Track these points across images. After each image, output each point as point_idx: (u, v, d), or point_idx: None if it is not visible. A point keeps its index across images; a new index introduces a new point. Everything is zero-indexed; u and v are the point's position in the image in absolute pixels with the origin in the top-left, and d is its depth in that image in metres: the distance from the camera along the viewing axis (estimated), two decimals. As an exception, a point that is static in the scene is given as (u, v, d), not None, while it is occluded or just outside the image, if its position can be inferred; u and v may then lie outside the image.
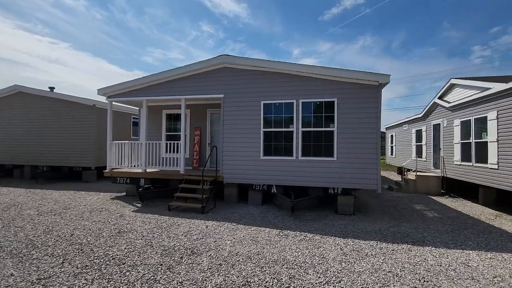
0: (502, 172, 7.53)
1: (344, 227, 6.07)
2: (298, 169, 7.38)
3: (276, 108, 7.60)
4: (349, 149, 7.06)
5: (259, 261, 4.17)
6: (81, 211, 6.87)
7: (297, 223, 6.29)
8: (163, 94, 8.52)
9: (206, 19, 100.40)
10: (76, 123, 11.84)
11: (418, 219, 6.96)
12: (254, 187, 7.88)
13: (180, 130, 10.17)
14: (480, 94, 8.33)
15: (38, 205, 7.35)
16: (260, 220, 6.45)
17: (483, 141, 8.35)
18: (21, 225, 5.61)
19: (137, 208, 7.32)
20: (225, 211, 7.16)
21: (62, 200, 8.06)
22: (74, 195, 8.98)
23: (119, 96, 8.95)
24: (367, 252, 4.66)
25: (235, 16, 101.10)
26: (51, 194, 9.06)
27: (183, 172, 8.26)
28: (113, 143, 9.05)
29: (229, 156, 7.87)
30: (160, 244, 4.72)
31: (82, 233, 5.18)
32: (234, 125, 7.87)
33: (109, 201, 8.18)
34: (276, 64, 7.48)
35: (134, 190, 8.96)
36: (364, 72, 6.89)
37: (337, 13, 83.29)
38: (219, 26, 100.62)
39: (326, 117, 7.26)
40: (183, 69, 8.20)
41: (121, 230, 5.42)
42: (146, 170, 8.68)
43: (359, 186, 7.09)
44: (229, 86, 7.93)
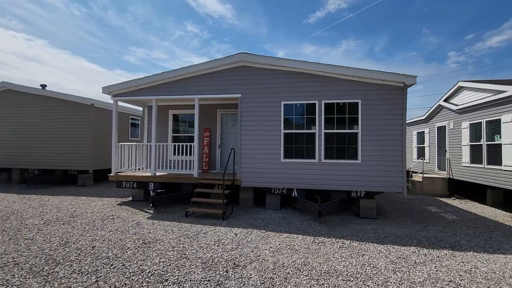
0: (518, 174, 7.62)
1: (375, 232, 5.88)
2: (321, 172, 7.14)
3: (297, 109, 7.34)
4: (374, 152, 6.90)
5: (310, 272, 3.87)
6: (91, 219, 6.31)
7: (325, 228, 6.04)
8: (174, 93, 8.07)
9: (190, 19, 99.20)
10: (72, 123, 11.08)
11: (441, 222, 6.88)
12: (272, 191, 7.57)
13: (188, 131, 9.76)
14: (493, 97, 8.43)
15: (40, 213, 6.71)
16: (286, 226, 6.15)
17: (497, 143, 8.45)
18: (30, 236, 5.02)
19: (151, 215, 6.83)
20: (246, 217, 6.81)
21: (64, 207, 7.42)
22: (75, 201, 8.33)
23: (125, 95, 8.40)
24: (414, 259, 4.46)
25: (220, 16, 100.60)
26: (49, 200, 8.36)
27: (196, 176, 7.83)
28: (119, 145, 8.48)
29: (247, 158, 7.53)
30: (196, 256, 4.32)
31: (103, 245, 4.68)
32: (253, 127, 7.53)
33: (117, 207, 7.62)
34: (297, 63, 7.23)
35: (141, 195, 8.42)
36: (390, 73, 6.76)
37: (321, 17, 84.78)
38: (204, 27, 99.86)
39: (349, 118, 7.07)
40: (197, 67, 7.79)
41: (146, 240, 4.96)
42: (155, 173, 8.18)
43: (384, 189, 6.94)
44: (247, 85, 7.60)
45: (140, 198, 8.42)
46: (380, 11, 77.35)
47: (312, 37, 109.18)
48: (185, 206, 7.76)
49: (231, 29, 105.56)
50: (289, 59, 7.23)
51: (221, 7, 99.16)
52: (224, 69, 7.75)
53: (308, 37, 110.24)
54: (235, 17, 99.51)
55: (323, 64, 7.09)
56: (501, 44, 59.89)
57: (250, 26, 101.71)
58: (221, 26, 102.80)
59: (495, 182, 8.49)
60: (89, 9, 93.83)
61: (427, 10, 70.60)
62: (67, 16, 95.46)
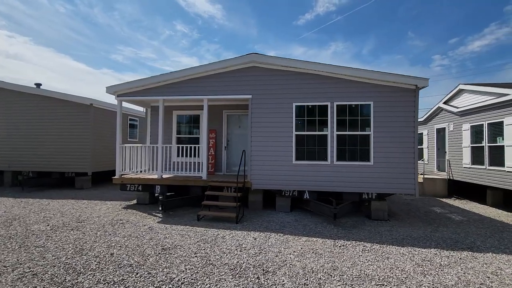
0: (521, 175, 7.82)
1: (391, 234, 5.89)
2: (333, 174, 7.11)
3: (309, 111, 7.30)
4: (386, 153, 6.92)
5: (342, 277, 3.81)
6: (99, 224, 6.06)
7: (341, 231, 6.00)
8: (182, 93, 7.88)
9: (180, 19, 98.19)
10: (70, 123, 10.68)
11: (450, 223, 6.96)
12: (283, 193, 7.49)
13: (193, 132, 9.57)
14: (496, 100, 8.63)
15: (44, 218, 6.40)
16: (302, 229, 6.08)
17: (499, 145, 8.66)
18: (41, 243, 4.76)
19: (161, 219, 6.63)
20: (258, 220, 6.70)
21: (68, 212, 7.12)
22: (77, 205, 8.01)
23: (131, 95, 8.15)
24: (438, 261, 4.47)
25: (210, 16, 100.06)
26: (48, 204, 8.01)
27: (205, 178, 7.66)
28: (124, 147, 8.22)
29: (258, 161, 7.42)
30: (221, 262, 4.19)
31: (121, 251, 4.48)
32: (264, 128, 7.43)
33: (123, 211, 7.36)
34: (309, 65, 7.18)
35: (147, 198, 8.18)
36: (402, 75, 6.80)
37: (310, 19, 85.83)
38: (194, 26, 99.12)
39: (361, 120, 7.08)
40: (207, 67, 7.63)
41: (164, 246, 4.78)
42: (162, 176, 7.96)
43: (395, 191, 6.98)
44: (258, 86, 7.49)
45: (146, 201, 8.18)
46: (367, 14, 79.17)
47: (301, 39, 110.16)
48: (194, 209, 7.60)
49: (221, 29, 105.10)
50: (301, 60, 7.18)
51: (211, 7, 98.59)
52: (234, 69, 7.63)
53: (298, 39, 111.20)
54: (225, 17, 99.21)
55: (335, 65, 7.07)
56: (482, 49, 62.41)
57: (240, 26, 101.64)
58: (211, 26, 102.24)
59: (498, 183, 8.69)
60: (74, 6, 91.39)
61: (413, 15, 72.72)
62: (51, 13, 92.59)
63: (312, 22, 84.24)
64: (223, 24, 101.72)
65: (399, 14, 77.43)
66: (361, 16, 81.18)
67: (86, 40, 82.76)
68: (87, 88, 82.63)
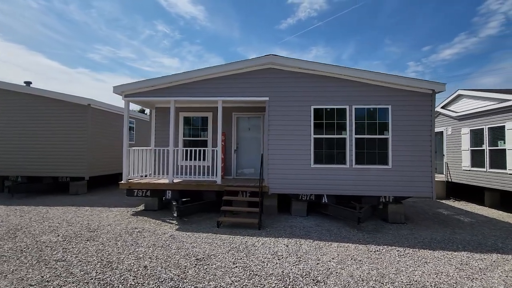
0: (524, 178, 8.16)
1: (415, 237, 5.90)
2: (352, 177, 7.08)
3: (327, 114, 7.23)
4: (404, 157, 6.98)
5: (394, 285, 3.72)
6: (115, 233, 5.64)
7: (366, 235, 5.96)
8: (195, 94, 7.58)
9: (161, 19, 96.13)
10: (65, 125, 10.02)
11: (463, 225, 7.09)
12: (300, 197, 7.37)
13: (200, 135, 9.27)
14: (497, 105, 8.99)
15: (50, 228, 5.89)
16: (328, 234, 5.97)
17: (500, 148, 9.01)
18: (60, 257, 4.33)
19: (178, 226, 6.29)
20: (278, 225, 6.53)
21: (73, 220, 6.61)
22: (80, 212, 7.48)
23: (139, 95, 7.74)
24: (476, 265, 4.49)
25: (192, 17, 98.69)
26: (47, 212, 7.41)
27: (220, 183, 7.40)
28: (132, 150, 7.79)
29: (276, 164, 7.25)
30: (266, 272, 3.98)
31: (154, 264, 4.16)
32: (281, 131, 7.29)
33: (133, 218, 6.94)
34: (327, 67, 7.14)
35: (156, 204, 7.78)
36: (419, 80, 6.90)
37: (292, 23, 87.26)
38: (175, 27, 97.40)
39: (380, 124, 7.10)
40: (222, 68, 7.40)
41: (197, 256, 4.50)
42: (173, 180, 7.60)
43: (413, 194, 7.04)
44: (275, 88, 7.35)
45: (154, 207, 7.77)
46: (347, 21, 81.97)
47: (284, 42, 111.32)
48: (209, 215, 7.30)
49: (203, 31, 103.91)
50: (319, 63, 7.12)
51: (193, 8, 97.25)
52: (250, 71, 7.45)
53: (280, 42, 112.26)
54: (207, 19, 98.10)
55: (353, 68, 7.07)
56: (453, 57, 66.58)
57: (222, 28, 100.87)
58: (193, 28, 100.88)
59: (499, 185, 9.03)
60: (48, 1, 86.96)
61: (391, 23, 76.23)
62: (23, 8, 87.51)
63: (294, 26, 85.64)
64: (206, 26, 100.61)
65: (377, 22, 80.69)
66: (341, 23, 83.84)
67: (61, 37, 78.86)
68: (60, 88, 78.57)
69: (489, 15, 59.26)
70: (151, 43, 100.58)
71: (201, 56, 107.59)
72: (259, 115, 9.18)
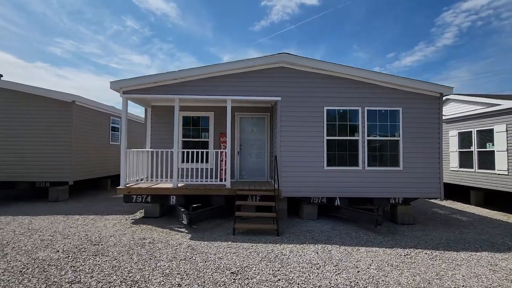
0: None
1: (431, 239, 5.96)
2: (364, 179, 7.04)
3: (340, 115, 7.13)
4: (414, 159, 7.07)
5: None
6: (123, 245, 5.04)
7: (386, 238, 5.91)
8: (202, 92, 7.11)
9: (130, 14, 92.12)
10: (46, 124, 8.95)
11: (466, 225, 7.32)
12: (311, 200, 7.19)
13: (201, 135, 8.77)
14: (486, 109, 9.51)
15: (42, 242, 5.12)
16: (348, 238, 5.83)
17: (489, 150, 9.54)
18: (72, 278, 3.70)
19: (190, 235, 5.80)
20: (295, 230, 6.29)
21: (66, 231, 5.84)
22: (70, 222, 6.66)
23: (139, 92, 7.09)
24: (505, 265, 4.57)
25: (163, 14, 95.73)
26: (31, 222, 6.51)
27: (229, 186, 6.99)
28: (130, 152, 7.12)
29: (288, 167, 7.00)
30: (313, 284, 3.70)
31: (187, 281, 3.70)
32: (294, 133, 7.05)
33: (136, 227, 6.30)
34: (340, 68, 7.04)
35: (157, 211, 7.16)
36: (429, 83, 7.04)
37: (265, 26, 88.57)
38: (145, 23, 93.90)
39: (391, 126, 7.14)
40: (232, 65, 7.01)
41: (230, 269, 4.10)
42: (178, 185, 7.06)
43: (423, 195, 7.16)
44: (287, 88, 7.10)
45: (155, 214, 7.15)
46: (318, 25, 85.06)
47: (257, 44, 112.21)
48: (217, 221, 6.87)
49: (175, 29, 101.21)
50: (332, 63, 7.00)
51: (165, 5, 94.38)
52: (262, 69, 7.13)
53: (253, 44, 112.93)
54: (180, 16, 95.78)
55: (366, 70, 7.03)
56: (413, 64, 72.07)
57: (195, 27, 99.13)
58: (165, 25, 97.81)
59: (488, 184, 9.56)
60: (5, -11, 79.75)
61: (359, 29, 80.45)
62: (-24, -5, 79.50)
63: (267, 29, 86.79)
64: (178, 24, 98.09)
65: (345, 28, 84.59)
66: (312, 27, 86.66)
67: (17, 29, 72.30)
68: (16, 83, 71.67)
69: (445, 27, 64.43)
70: (119, 39, 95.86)
71: (173, 54, 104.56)
72: (263, 116, 8.89)
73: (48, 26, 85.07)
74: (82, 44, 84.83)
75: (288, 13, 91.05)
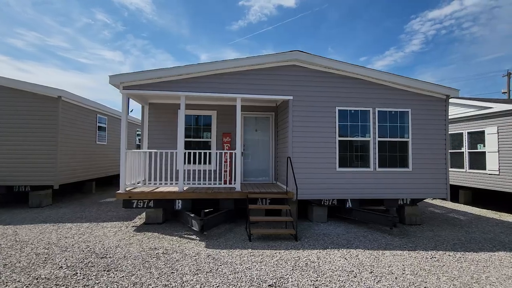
0: (503, 177, 9.11)
1: (445, 239, 6.00)
2: (375, 181, 6.99)
3: (351, 116, 7.03)
4: (422, 159, 7.14)
5: (489, 296, 3.57)
6: (136, 257, 4.53)
7: (403, 240, 5.88)
8: (209, 90, 6.68)
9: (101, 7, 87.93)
10: (28, 121, 8.02)
11: (466, 224, 7.51)
12: (322, 203, 7.02)
13: (203, 135, 8.32)
14: (478, 112, 9.92)
15: (38, 257, 4.48)
16: (367, 241, 5.72)
17: (480, 151, 9.96)
18: (90, 300, 3.20)
19: (205, 243, 5.38)
20: (311, 234, 6.09)
21: (63, 243, 5.20)
22: (62, 231, 5.98)
23: (141, 88, 6.52)
24: (526, 265, 4.66)
25: (137, 9, 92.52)
26: (16, 233, 5.75)
27: (239, 189, 6.64)
28: (131, 152, 6.54)
29: (301, 168, 6.77)
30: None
31: (224, 297, 3.33)
32: (306, 133, 6.84)
33: (141, 235, 5.76)
34: (353, 68, 6.94)
35: (160, 217, 6.64)
36: (437, 85, 7.14)
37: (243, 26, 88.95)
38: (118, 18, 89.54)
39: (400, 127, 7.15)
40: (242, 61, 6.65)
41: (265, 281, 3.78)
42: (184, 188, 6.58)
43: (430, 196, 7.25)
44: (299, 87, 6.88)
45: (158, 220, 6.62)
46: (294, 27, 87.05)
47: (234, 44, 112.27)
48: (227, 226, 6.50)
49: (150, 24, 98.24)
50: (346, 63, 6.88)
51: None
52: (273, 66, 6.85)
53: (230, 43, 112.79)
54: (155, 12, 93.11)
55: (378, 71, 6.99)
56: (384, 68, 76.17)
57: (171, 24, 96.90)
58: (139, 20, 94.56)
59: (477, 184, 9.97)
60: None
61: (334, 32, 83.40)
62: None
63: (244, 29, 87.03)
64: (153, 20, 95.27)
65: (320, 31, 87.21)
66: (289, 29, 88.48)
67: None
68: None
69: (413, 34, 68.28)
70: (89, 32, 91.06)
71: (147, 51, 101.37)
72: (267, 115, 8.60)
73: (9, 16, 78.82)
74: (47, 37, 79.45)
75: (266, 14, 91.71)
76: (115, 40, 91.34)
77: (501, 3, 65.76)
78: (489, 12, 69.53)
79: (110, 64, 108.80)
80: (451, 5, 62.46)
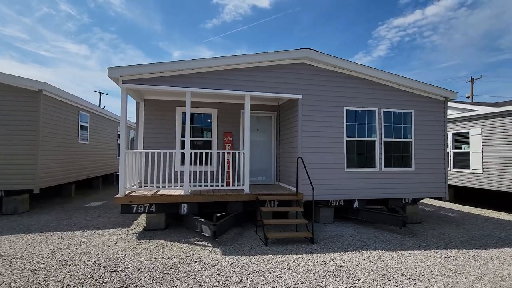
0: (486, 176, 9.69)
1: (451, 237, 6.17)
2: (381, 181, 7.05)
3: (358, 116, 7.02)
4: (424, 160, 7.33)
5: (521, 294, 3.65)
6: (150, 270, 4.09)
7: (413, 239, 5.96)
8: (216, 86, 6.32)
9: None
10: (2, 117, 7.08)
11: (459, 221, 7.86)
12: (329, 203, 6.95)
13: (203, 134, 7.90)
14: (462, 114, 10.47)
15: (35, 273, 3.88)
16: (381, 242, 5.71)
17: (465, 151, 10.52)
18: (120, 325, 2.77)
19: (220, 249, 5.04)
20: (323, 236, 5.99)
21: (59, 255, 4.58)
22: (53, 241, 5.31)
23: (142, 82, 5.99)
24: (534, 260, 4.89)
25: (105, 1, 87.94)
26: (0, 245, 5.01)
27: (248, 191, 6.35)
28: (132, 153, 5.99)
29: (310, 169, 6.62)
30: (404, 300, 3.39)
31: (270, 311, 3.06)
32: (314, 133, 6.72)
33: (147, 243, 5.27)
34: (362, 68, 6.94)
35: (163, 222, 6.15)
36: (439, 87, 7.36)
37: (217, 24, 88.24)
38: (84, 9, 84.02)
39: (404, 127, 7.28)
40: (251, 57, 6.37)
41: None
42: (189, 191, 6.16)
43: (430, 195, 7.46)
44: (309, 86, 6.74)
45: (161, 225, 6.13)
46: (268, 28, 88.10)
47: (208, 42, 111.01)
48: (235, 230, 6.21)
49: (119, 18, 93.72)
50: (355, 63, 6.85)
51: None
52: (282, 64, 6.63)
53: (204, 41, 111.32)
54: (124, 5, 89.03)
55: (386, 72, 7.05)
56: None
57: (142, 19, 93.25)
58: (106, 13, 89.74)
59: (462, 182, 10.53)
60: None
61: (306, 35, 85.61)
62: None
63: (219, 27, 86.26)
64: (122, 13, 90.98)
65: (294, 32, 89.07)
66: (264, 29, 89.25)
67: None
68: None
69: (380, 39, 71.94)
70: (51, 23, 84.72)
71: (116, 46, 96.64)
72: (269, 115, 8.37)
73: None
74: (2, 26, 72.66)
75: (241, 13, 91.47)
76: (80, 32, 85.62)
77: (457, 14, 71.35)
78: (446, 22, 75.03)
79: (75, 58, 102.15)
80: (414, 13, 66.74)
